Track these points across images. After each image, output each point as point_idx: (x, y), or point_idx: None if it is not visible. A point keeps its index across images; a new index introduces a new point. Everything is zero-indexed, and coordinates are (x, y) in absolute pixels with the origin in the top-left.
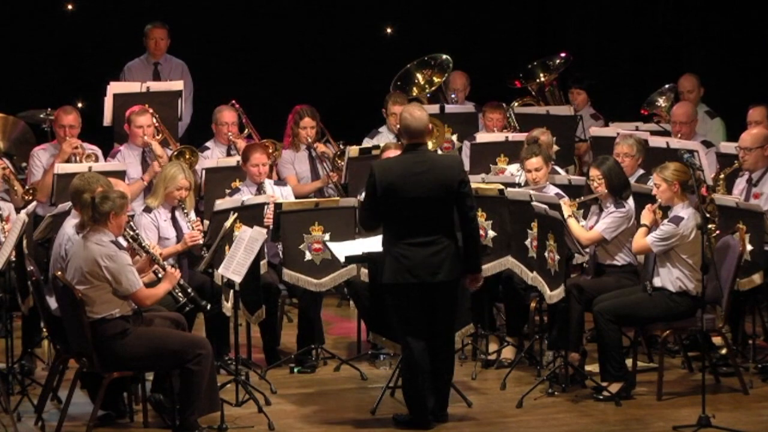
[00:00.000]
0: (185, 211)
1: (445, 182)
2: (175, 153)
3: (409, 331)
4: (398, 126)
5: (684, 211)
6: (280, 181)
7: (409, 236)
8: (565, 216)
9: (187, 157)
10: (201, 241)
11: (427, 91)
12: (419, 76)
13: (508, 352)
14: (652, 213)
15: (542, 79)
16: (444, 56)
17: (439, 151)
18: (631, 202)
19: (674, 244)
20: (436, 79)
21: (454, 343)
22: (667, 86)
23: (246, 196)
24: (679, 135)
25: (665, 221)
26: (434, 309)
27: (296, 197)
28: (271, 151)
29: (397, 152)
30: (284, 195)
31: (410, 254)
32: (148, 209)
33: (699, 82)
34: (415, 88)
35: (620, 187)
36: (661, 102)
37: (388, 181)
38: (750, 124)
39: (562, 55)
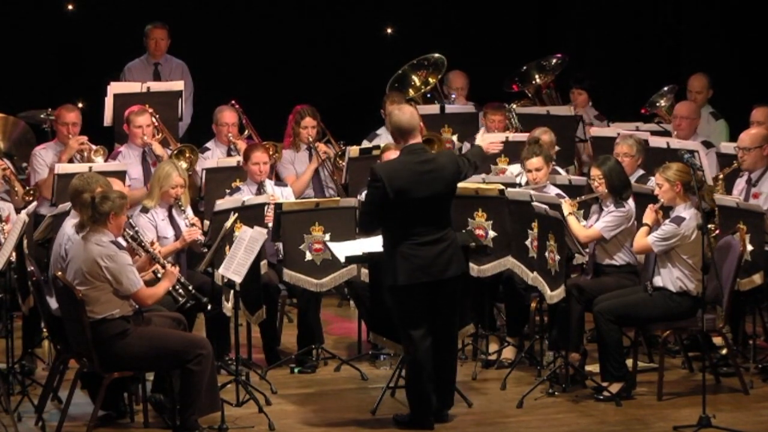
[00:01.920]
0: (182, 208)
1: (448, 179)
2: (176, 152)
3: (416, 330)
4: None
5: (686, 211)
6: (281, 182)
7: (416, 235)
8: (565, 214)
9: (187, 155)
10: (199, 236)
11: (423, 91)
12: (414, 77)
13: (508, 353)
14: (654, 213)
15: (538, 81)
16: (437, 55)
17: None
18: (631, 202)
19: (675, 245)
20: (431, 80)
21: (458, 342)
22: (666, 87)
23: (246, 195)
24: (678, 130)
25: (667, 221)
26: (439, 306)
27: (296, 194)
28: (271, 152)
29: (398, 153)
30: (285, 196)
31: (421, 253)
32: (144, 209)
33: (709, 83)
34: (411, 90)
35: (621, 187)
36: (662, 103)
37: (399, 185)
38: (752, 124)
39: (558, 56)
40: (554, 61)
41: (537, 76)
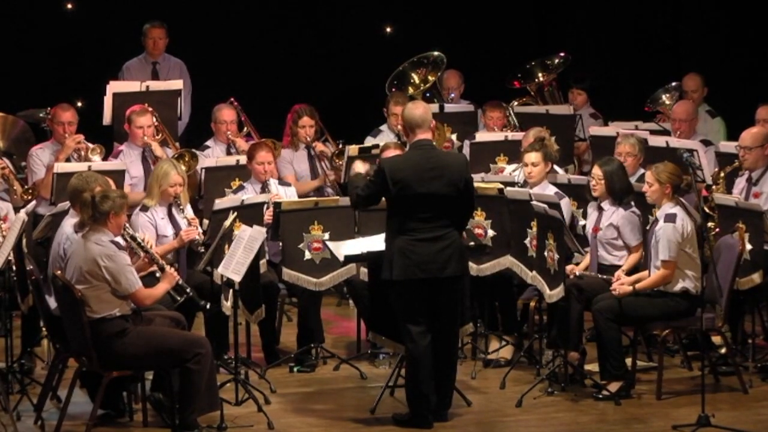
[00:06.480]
0: (181, 207)
1: (450, 179)
2: (176, 156)
3: (414, 326)
4: (399, 126)
5: (673, 209)
6: (285, 182)
7: (415, 231)
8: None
9: (187, 159)
10: (197, 236)
11: (422, 89)
12: (414, 75)
13: (505, 352)
14: (625, 286)
15: (541, 79)
16: (436, 53)
17: None
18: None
19: (681, 244)
20: (431, 78)
21: (458, 341)
22: (673, 84)
23: (250, 194)
24: (678, 132)
25: (660, 222)
26: (439, 304)
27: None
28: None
29: (397, 152)
30: (288, 196)
31: (418, 249)
32: (144, 208)
33: (703, 81)
34: (410, 88)
35: (621, 191)
36: (666, 99)
37: (399, 178)
38: (758, 122)
39: (561, 54)
40: (557, 59)
41: (540, 74)
